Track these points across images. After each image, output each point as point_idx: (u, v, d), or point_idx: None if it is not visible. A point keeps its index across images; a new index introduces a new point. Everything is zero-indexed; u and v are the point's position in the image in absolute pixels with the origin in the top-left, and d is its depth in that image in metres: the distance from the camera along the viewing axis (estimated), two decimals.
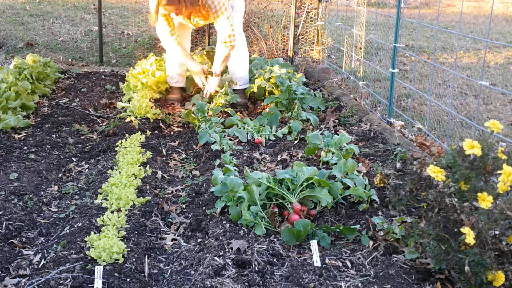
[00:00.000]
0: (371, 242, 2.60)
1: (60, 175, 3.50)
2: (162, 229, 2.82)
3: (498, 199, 2.07)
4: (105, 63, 6.44)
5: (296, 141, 3.94)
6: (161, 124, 4.37)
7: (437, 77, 6.09)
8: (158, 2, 4.15)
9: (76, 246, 2.51)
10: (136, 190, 3.09)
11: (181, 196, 3.22)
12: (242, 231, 2.67)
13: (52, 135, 4.06)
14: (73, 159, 3.74)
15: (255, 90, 4.91)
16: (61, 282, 2.24)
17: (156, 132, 4.26)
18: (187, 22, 4.64)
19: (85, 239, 2.53)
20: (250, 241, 2.57)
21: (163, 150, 3.91)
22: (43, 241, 2.68)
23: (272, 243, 2.59)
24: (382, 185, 2.81)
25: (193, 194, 3.21)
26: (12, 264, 2.44)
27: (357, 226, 2.68)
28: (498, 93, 5.90)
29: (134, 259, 2.45)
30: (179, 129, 4.37)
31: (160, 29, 4.62)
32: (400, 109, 5.02)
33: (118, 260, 2.40)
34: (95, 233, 2.58)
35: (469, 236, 1.97)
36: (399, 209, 2.85)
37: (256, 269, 2.36)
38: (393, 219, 2.78)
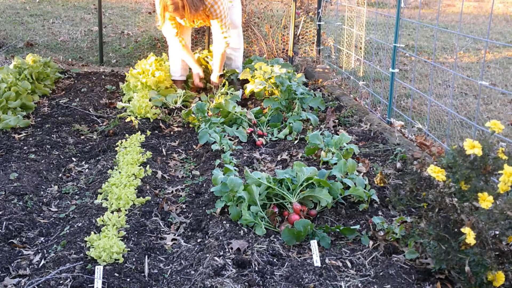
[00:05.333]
0: (371, 242, 2.60)
1: (60, 175, 3.49)
2: (162, 229, 2.82)
3: (499, 199, 2.07)
4: (105, 63, 6.44)
5: (296, 141, 3.94)
6: (161, 124, 4.37)
7: (437, 77, 6.09)
8: (164, 8, 4.52)
9: (76, 246, 2.51)
10: (136, 190, 3.09)
11: (181, 196, 3.22)
12: (242, 231, 2.67)
13: (52, 135, 4.06)
14: (73, 159, 3.74)
15: (255, 90, 4.91)
16: (61, 282, 2.24)
17: (156, 132, 4.26)
18: (190, 24, 4.98)
19: (85, 239, 2.53)
20: (250, 241, 2.57)
21: (163, 150, 3.91)
22: (43, 241, 2.68)
23: (272, 243, 2.59)
24: (382, 185, 2.81)
25: (193, 194, 3.21)
26: (12, 264, 2.44)
27: (357, 226, 2.68)
28: (498, 93, 5.90)
29: (134, 259, 2.45)
30: (179, 129, 4.37)
31: (167, 31, 5.00)
32: (400, 109, 5.02)
33: (118, 260, 2.40)
34: (95, 233, 2.58)
35: (470, 236, 1.97)
36: (399, 209, 2.85)
37: (256, 269, 2.36)
38: (393, 219, 2.78)
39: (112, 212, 2.82)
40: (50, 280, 2.24)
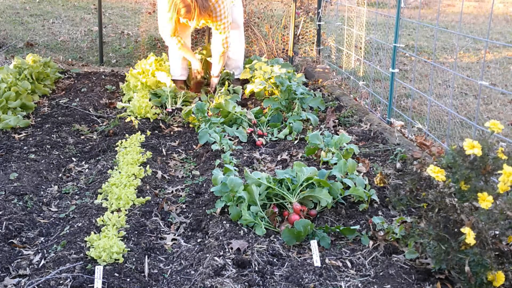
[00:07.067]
0: (371, 242, 2.60)
1: (60, 175, 3.49)
2: (162, 229, 2.82)
3: (498, 199, 2.07)
4: (105, 63, 6.44)
5: (296, 141, 3.94)
6: (161, 124, 4.37)
7: (437, 77, 6.09)
8: (176, 12, 4.57)
9: (76, 246, 2.51)
10: (136, 190, 3.09)
11: (181, 196, 3.22)
12: (242, 231, 2.67)
13: (52, 135, 4.06)
14: (73, 159, 3.74)
15: (255, 90, 4.91)
16: (61, 282, 2.24)
17: (156, 132, 4.26)
18: (192, 24, 4.96)
19: (85, 239, 2.53)
20: (250, 241, 2.57)
21: (163, 150, 3.91)
22: (43, 241, 2.68)
23: (272, 243, 2.59)
24: (382, 185, 2.81)
25: (193, 194, 3.21)
26: (12, 264, 2.44)
27: (357, 226, 2.68)
28: (498, 93, 5.90)
29: (134, 259, 2.45)
30: (179, 129, 4.37)
31: (164, 32, 4.99)
32: (400, 109, 5.02)
33: (118, 260, 2.40)
34: (95, 233, 2.58)
35: (469, 236, 1.97)
36: (399, 209, 2.84)
37: (256, 269, 2.36)
38: (393, 219, 2.78)
39: (112, 212, 2.82)
40: (50, 280, 2.24)
